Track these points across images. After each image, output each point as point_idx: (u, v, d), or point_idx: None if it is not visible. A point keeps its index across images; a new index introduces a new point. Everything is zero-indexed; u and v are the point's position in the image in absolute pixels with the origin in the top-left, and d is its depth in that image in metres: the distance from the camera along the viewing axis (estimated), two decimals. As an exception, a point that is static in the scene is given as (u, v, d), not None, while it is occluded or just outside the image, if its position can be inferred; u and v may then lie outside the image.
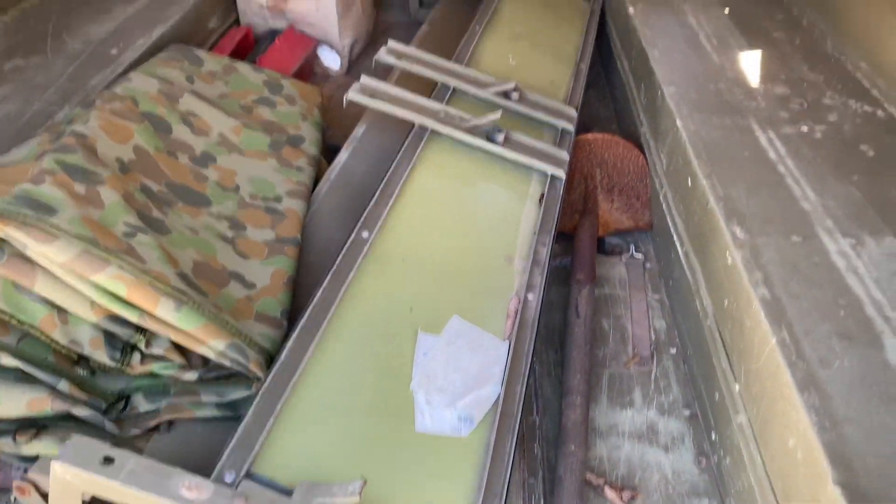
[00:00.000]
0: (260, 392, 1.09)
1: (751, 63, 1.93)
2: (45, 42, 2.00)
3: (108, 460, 0.87)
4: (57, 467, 0.86)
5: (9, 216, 1.06)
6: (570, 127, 1.91)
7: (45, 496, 0.94)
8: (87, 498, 0.90)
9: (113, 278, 1.08)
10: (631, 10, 2.25)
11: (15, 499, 1.11)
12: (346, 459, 1.06)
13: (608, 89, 2.58)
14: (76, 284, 1.08)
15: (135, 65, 1.90)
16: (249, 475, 0.99)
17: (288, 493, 0.97)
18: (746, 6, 2.29)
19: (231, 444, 1.01)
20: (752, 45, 2.02)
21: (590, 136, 1.99)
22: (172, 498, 0.86)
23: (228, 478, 0.97)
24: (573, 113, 1.96)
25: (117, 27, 2.10)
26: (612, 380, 1.56)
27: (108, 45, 1.99)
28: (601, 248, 1.87)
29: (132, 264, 1.12)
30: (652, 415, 1.49)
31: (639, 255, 1.84)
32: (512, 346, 1.29)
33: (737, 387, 1.24)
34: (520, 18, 2.44)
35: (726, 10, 2.25)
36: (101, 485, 0.87)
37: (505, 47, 2.24)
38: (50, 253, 1.06)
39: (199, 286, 1.22)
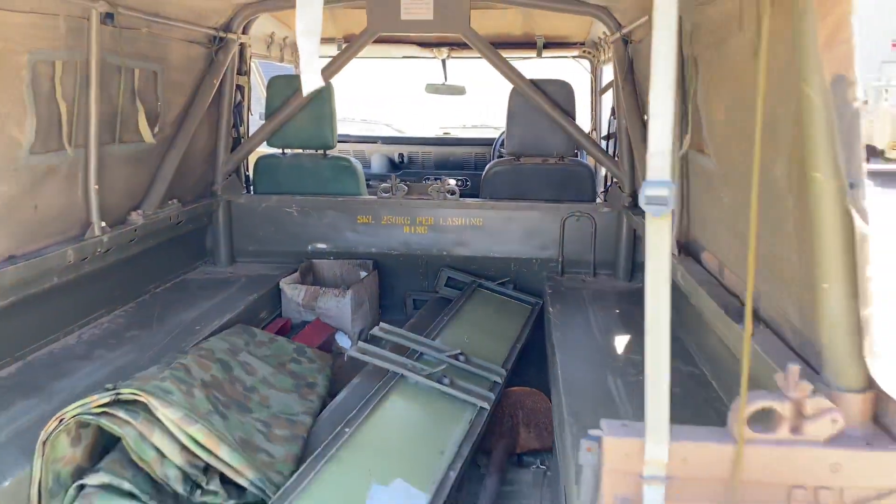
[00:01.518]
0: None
1: (621, 342, 2.85)
2: (152, 322, 3.02)
3: None
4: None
5: (149, 393, 1.93)
6: (500, 380, 2.79)
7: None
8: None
9: (197, 430, 1.91)
10: (550, 309, 3.26)
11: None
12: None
13: (546, 368, 3.50)
14: (176, 433, 1.91)
15: (211, 335, 2.88)
16: None
17: None
18: (634, 308, 3.29)
19: None
20: (626, 332, 2.97)
21: (516, 388, 2.85)
22: None
23: None
24: (502, 371, 2.86)
25: (200, 314, 3.13)
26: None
27: (194, 323, 3.01)
28: (520, 461, 2.62)
29: (207, 425, 1.95)
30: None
31: (542, 467, 2.59)
32: None
33: None
34: (478, 314, 3.46)
35: (617, 311, 3.25)
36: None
37: (463, 330, 3.22)
38: (168, 413, 1.91)
39: (241, 450, 2.03)
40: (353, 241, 3.97)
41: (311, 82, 1.20)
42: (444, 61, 5.26)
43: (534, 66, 5.04)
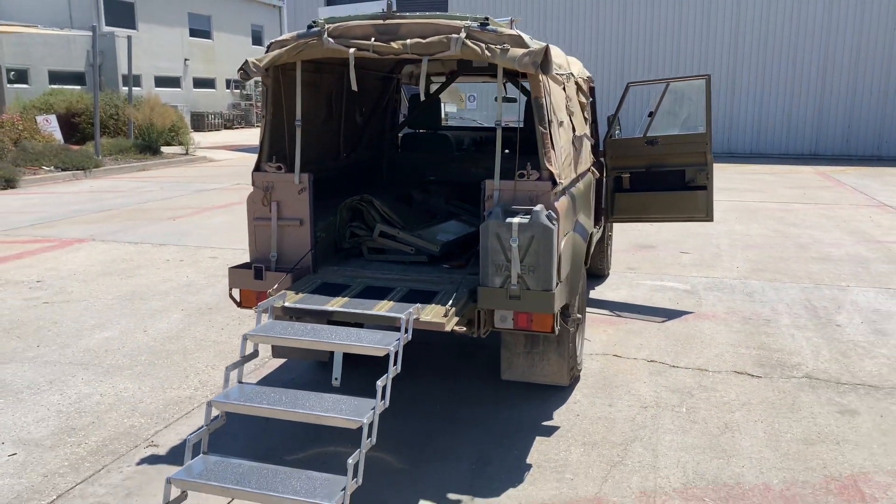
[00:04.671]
0: None
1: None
2: (359, 198, 7.16)
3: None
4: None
5: (374, 196, 6.03)
6: (500, 220, 6.71)
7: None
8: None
9: (388, 209, 6.02)
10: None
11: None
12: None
13: None
14: (380, 210, 6.01)
15: (384, 201, 6.99)
16: None
17: None
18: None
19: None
20: (560, 205, 6.80)
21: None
22: None
23: None
24: (503, 218, 6.77)
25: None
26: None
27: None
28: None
29: (392, 209, 6.05)
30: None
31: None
32: None
33: None
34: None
35: (563, 200, 7.07)
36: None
37: (492, 209, 7.16)
38: (378, 204, 6.01)
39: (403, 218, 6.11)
40: (449, 173, 7.97)
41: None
42: (504, 84, 9.20)
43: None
